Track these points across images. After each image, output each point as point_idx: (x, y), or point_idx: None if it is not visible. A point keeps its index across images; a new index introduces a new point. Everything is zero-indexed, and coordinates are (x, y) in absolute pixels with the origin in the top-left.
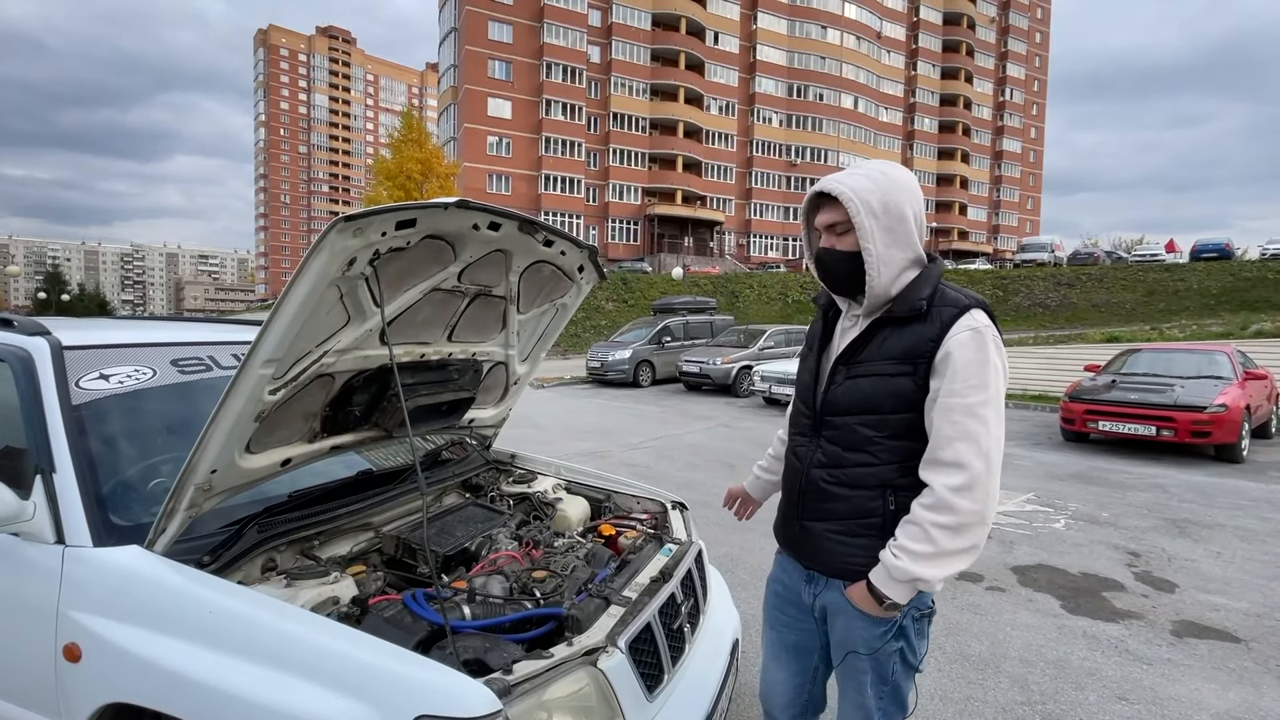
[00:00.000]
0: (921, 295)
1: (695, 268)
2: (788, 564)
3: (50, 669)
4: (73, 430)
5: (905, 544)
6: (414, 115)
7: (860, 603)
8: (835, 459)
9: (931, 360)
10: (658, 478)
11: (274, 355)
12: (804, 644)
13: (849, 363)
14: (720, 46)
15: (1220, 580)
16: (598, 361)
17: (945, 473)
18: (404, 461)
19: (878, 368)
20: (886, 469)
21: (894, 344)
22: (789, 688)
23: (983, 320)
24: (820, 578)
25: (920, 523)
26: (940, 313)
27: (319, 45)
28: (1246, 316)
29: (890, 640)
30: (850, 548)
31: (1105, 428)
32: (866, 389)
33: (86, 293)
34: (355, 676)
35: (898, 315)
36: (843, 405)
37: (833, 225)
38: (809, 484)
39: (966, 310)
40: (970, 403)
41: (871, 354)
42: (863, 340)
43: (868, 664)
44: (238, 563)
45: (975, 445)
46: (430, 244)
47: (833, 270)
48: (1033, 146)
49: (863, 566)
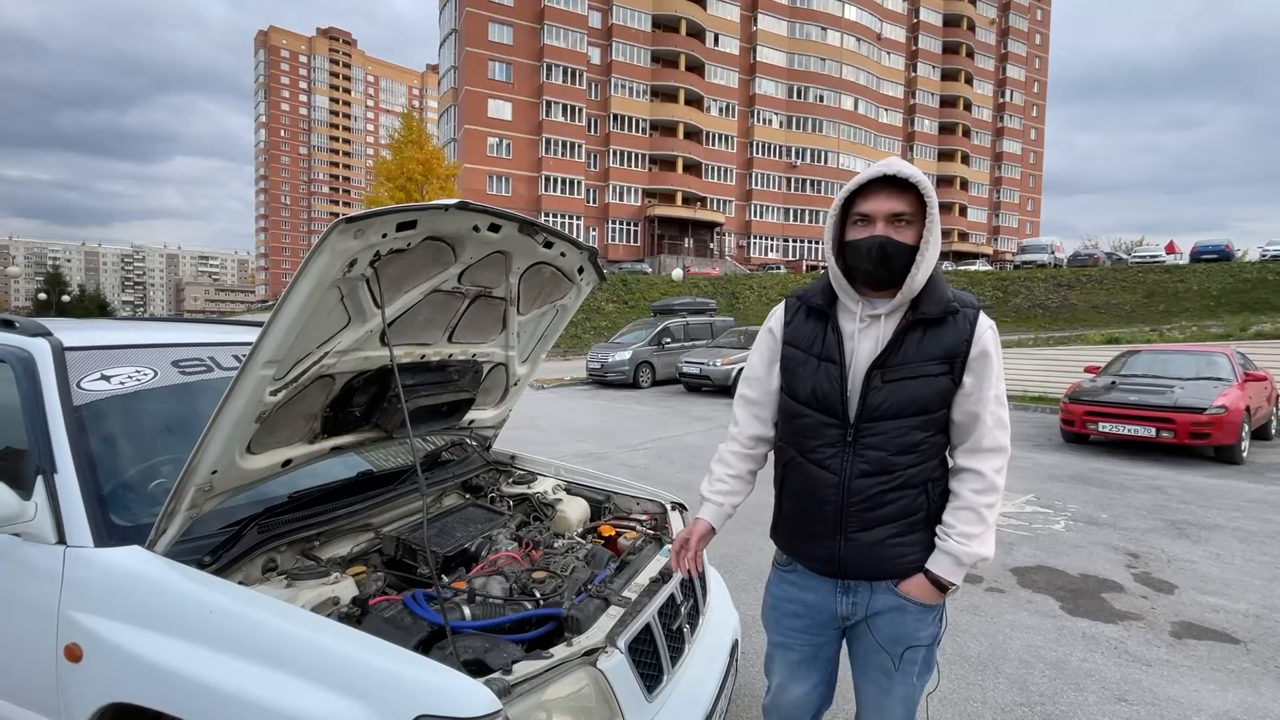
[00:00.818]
0: (946, 296)
1: (695, 269)
2: (809, 580)
3: (51, 669)
4: (74, 431)
5: (966, 530)
6: (414, 116)
7: (922, 595)
8: (883, 465)
9: (966, 358)
10: (657, 479)
11: (275, 356)
12: (825, 654)
13: (885, 366)
14: (720, 48)
15: (1219, 581)
16: (598, 363)
17: (991, 458)
18: (404, 462)
19: (922, 369)
20: (930, 465)
21: (932, 345)
22: (815, 695)
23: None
24: (861, 585)
25: (974, 507)
26: (966, 313)
27: (319, 46)
28: (1246, 318)
29: (938, 624)
30: (907, 547)
31: (1105, 429)
32: (915, 391)
33: (87, 294)
34: (355, 677)
35: (931, 315)
36: (891, 409)
37: (899, 214)
38: (854, 494)
39: (979, 310)
40: (999, 392)
41: (908, 356)
42: (895, 343)
43: (921, 654)
44: (238, 563)
45: (1006, 430)
46: (431, 245)
47: (891, 262)
48: (1032, 148)
49: (919, 562)
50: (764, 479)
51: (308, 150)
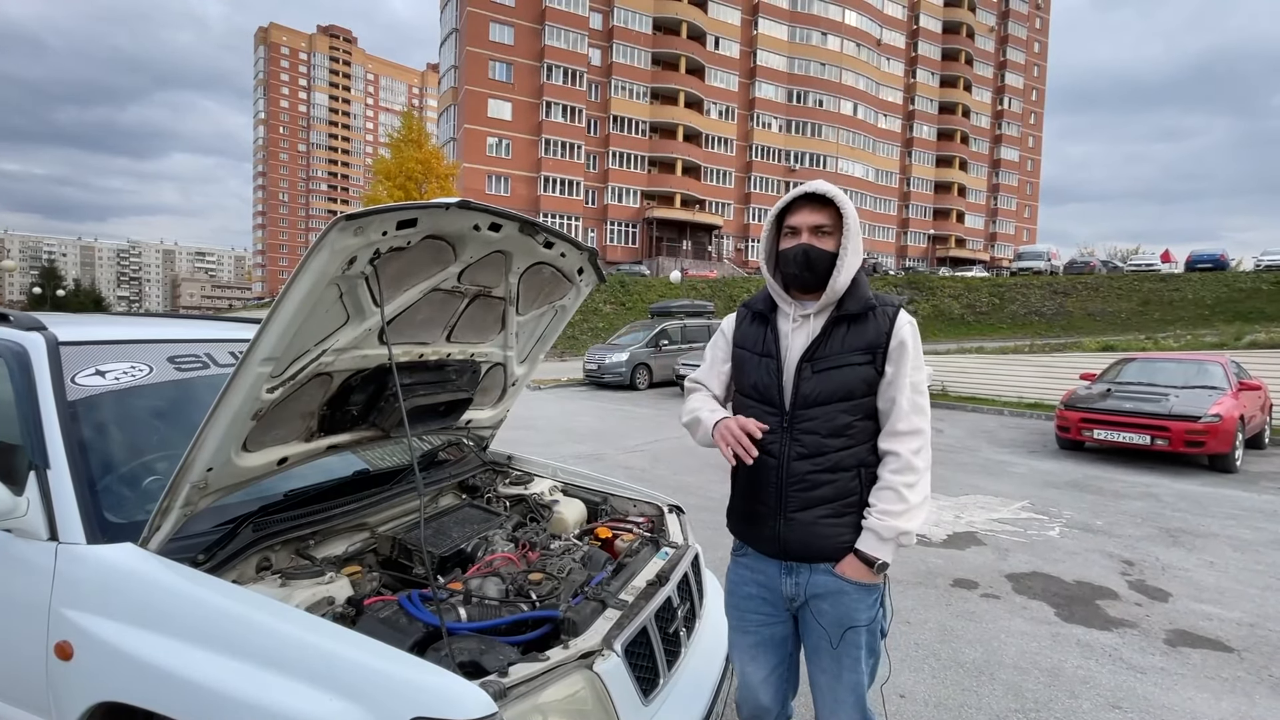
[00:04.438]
0: (867, 295)
1: (693, 271)
2: (758, 562)
3: (41, 667)
4: (67, 426)
5: (885, 507)
6: (414, 115)
7: (854, 574)
8: (817, 448)
9: (886, 349)
10: (654, 481)
11: (272, 353)
12: (779, 635)
13: (813, 359)
14: (721, 51)
15: (1213, 590)
16: (595, 364)
17: (906, 440)
18: (401, 462)
19: (847, 359)
20: (862, 449)
21: (856, 338)
22: (773, 681)
23: (909, 314)
24: (802, 566)
25: (893, 486)
26: (886, 310)
27: (320, 44)
28: (1241, 327)
29: (877, 608)
30: (841, 527)
31: (1100, 436)
32: (841, 379)
33: (82, 289)
34: (349, 678)
35: (853, 312)
36: (821, 396)
37: (820, 226)
38: (791, 477)
39: (899, 307)
40: (917, 380)
41: (833, 349)
42: (822, 338)
43: (863, 637)
44: (232, 562)
45: (923, 415)
46: (431, 244)
47: (814, 267)
48: (1030, 155)
49: (852, 543)
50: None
51: (307, 148)
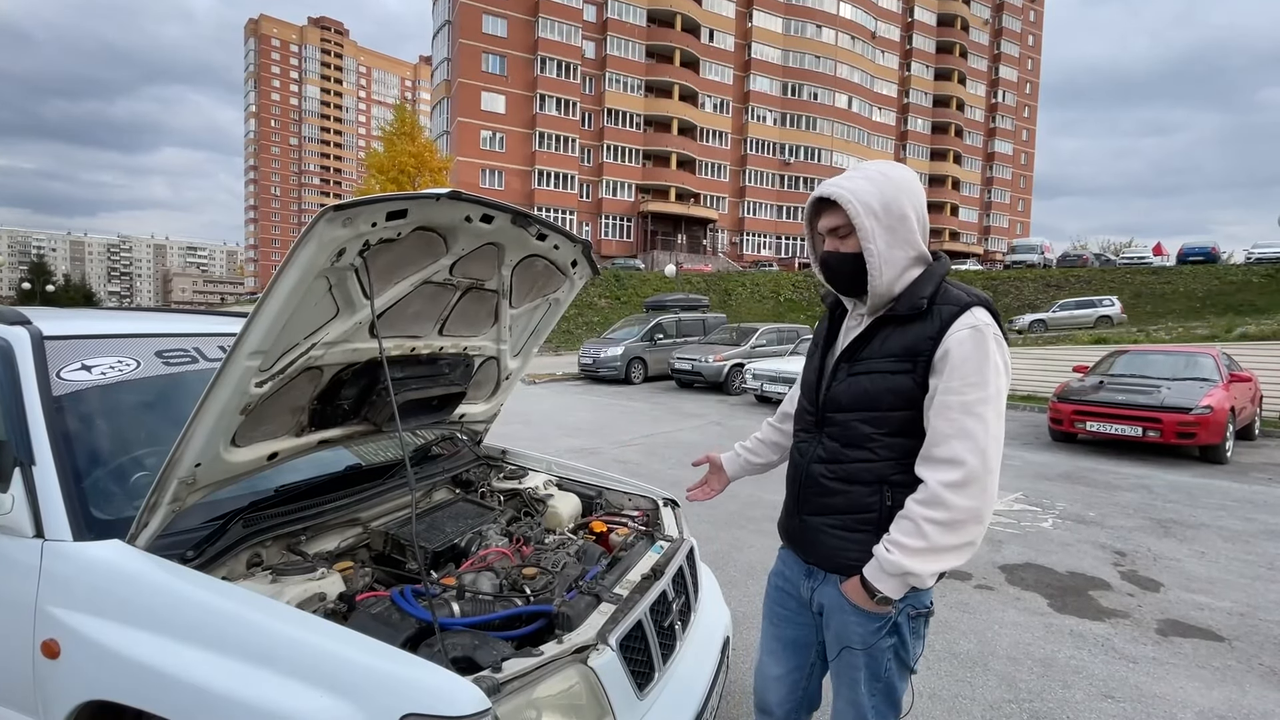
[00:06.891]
0: (923, 294)
1: (688, 265)
2: (790, 558)
3: (28, 666)
4: (53, 422)
5: (898, 538)
6: (407, 108)
7: (853, 596)
8: (835, 455)
9: (931, 358)
10: (649, 475)
11: (260, 347)
12: (802, 639)
13: (851, 360)
14: (715, 44)
15: (1204, 580)
16: (590, 358)
17: (940, 469)
18: (393, 457)
19: (878, 365)
20: (884, 465)
21: (895, 342)
22: (785, 683)
23: (984, 318)
24: (819, 572)
25: (913, 517)
26: (941, 310)
27: (311, 36)
28: (1232, 320)
29: (884, 636)
30: (847, 543)
31: (1093, 428)
32: (866, 386)
33: (72, 283)
34: (341, 674)
35: (899, 314)
36: (844, 401)
37: (835, 229)
38: (809, 478)
39: (968, 308)
40: (968, 400)
41: (872, 351)
42: (864, 338)
43: (861, 660)
44: (222, 558)
45: (971, 443)
46: (421, 236)
47: (837, 273)
48: (1024, 149)
49: (858, 561)
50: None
51: (298, 141)
